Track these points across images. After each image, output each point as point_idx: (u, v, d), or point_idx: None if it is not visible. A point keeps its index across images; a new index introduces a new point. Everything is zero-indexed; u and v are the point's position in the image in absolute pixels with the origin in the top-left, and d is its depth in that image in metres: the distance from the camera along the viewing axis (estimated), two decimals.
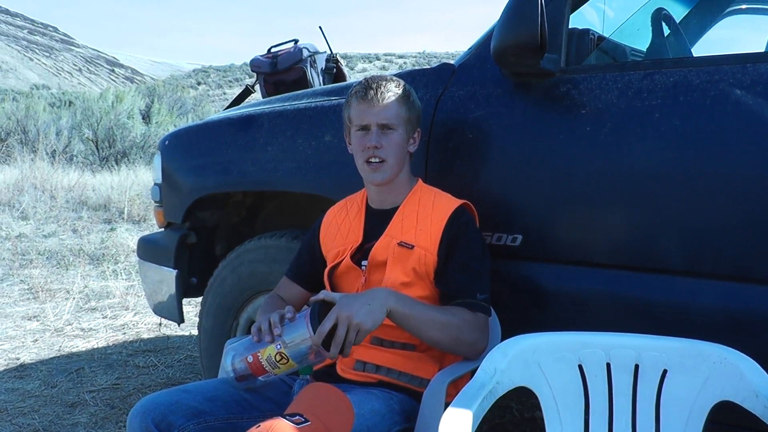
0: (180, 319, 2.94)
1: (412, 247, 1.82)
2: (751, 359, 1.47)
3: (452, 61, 2.22)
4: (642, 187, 1.80)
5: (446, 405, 1.44)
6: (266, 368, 1.62)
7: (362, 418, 1.57)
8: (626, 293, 1.84)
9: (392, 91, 1.85)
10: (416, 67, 2.38)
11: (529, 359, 1.59)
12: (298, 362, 1.61)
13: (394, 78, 1.92)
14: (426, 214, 1.87)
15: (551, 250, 1.96)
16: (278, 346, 1.61)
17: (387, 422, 1.65)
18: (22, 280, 5.63)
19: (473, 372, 1.55)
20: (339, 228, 1.99)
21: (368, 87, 1.85)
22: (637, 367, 1.57)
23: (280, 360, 1.60)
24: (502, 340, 1.68)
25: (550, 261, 1.96)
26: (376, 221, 1.93)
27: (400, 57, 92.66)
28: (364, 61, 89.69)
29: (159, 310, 3.08)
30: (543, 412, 1.60)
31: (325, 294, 1.61)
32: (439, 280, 1.82)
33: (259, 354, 1.63)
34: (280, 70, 3.74)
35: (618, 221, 1.85)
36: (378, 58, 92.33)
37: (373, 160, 1.85)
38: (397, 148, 1.86)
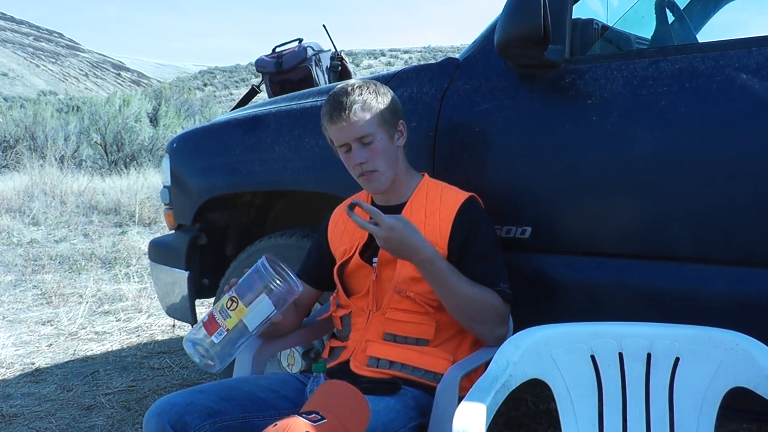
0: (193, 320, 2.95)
1: None
2: (762, 344, 1.47)
3: (457, 56, 2.22)
4: (650, 175, 1.79)
5: (460, 399, 1.44)
6: (218, 321, 1.62)
7: (378, 414, 1.58)
8: (637, 282, 1.84)
9: (357, 103, 1.83)
10: (421, 63, 2.37)
11: (542, 351, 1.60)
12: (247, 304, 1.62)
13: (354, 85, 1.88)
14: (434, 209, 1.87)
15: (561, 241, 1.96)
16: (230, 292, 1.65)
17: (402, 418, 1.65)
18: (35, 286, 5.67)
19: (486, 365, 1.55)
20: (346, 226, 2.00)
21: (333, 108, 1.85)
22: (649, 355, 1.57)
23: (231, 306, 1.62)
24: (514, 333, 1.68)
25: (560, 252, 1.96)
26: None
27: (406, 52, 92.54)
28: (370, 58, 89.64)
29: (172, 311, 3.10)
30: (557, 403, 1.60)
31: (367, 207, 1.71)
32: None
33: (213, 310, 1.66)
34: (285, 70, 3.75)
35: (627, 210, 1.85)
36: (383, 54, 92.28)
37: (366, 172, 1.87)
38: (383, 153, 1.86)
